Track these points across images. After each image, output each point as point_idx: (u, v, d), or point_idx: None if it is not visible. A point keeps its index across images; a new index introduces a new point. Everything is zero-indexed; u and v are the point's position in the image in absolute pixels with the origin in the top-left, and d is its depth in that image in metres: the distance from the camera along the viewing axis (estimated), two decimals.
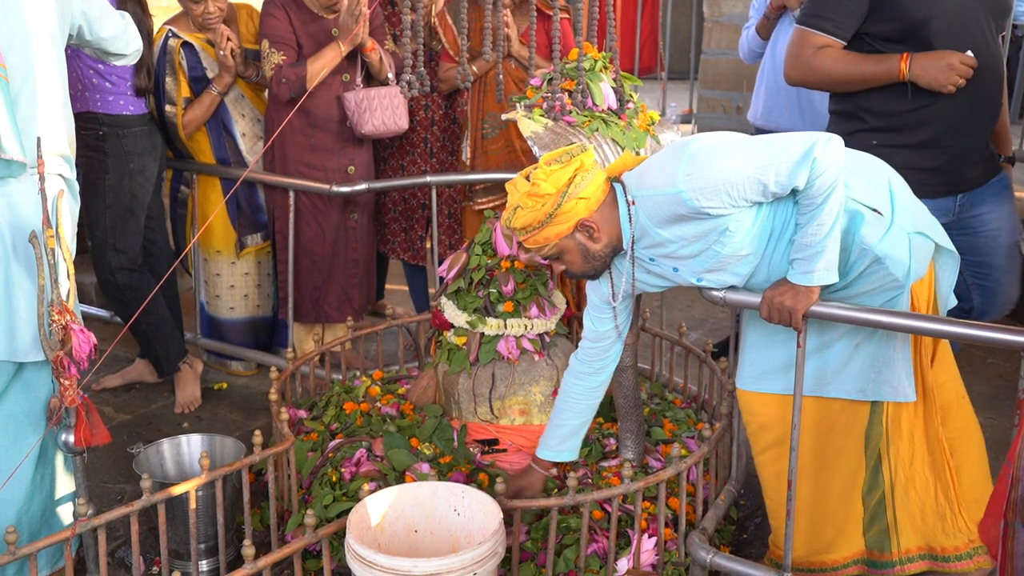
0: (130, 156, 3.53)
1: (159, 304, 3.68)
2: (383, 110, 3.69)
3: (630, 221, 2.22)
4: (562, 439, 2.66)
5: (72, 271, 2.29)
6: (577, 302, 4.08)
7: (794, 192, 2.12)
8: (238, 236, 3.95)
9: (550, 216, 2.21)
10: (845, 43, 2.70)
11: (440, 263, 3.73)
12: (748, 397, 2.47)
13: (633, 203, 2.20)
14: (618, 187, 2.25)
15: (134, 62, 2.86)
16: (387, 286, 4.87)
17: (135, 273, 3.57)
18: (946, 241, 2.32)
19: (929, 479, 2.38)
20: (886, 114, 2.70)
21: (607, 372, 2.58)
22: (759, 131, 4.06)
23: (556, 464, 2.71)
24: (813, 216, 2.10)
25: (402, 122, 3.76)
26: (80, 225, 3.73)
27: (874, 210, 2.19)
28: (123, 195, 3.53)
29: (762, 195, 2.11)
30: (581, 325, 4.02)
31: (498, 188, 3.83)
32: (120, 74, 3.48)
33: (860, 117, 2.73)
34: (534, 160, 3.65)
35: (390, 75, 3.77)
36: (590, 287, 2.46)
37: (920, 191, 2.41)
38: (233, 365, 4.11)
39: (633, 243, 2.25)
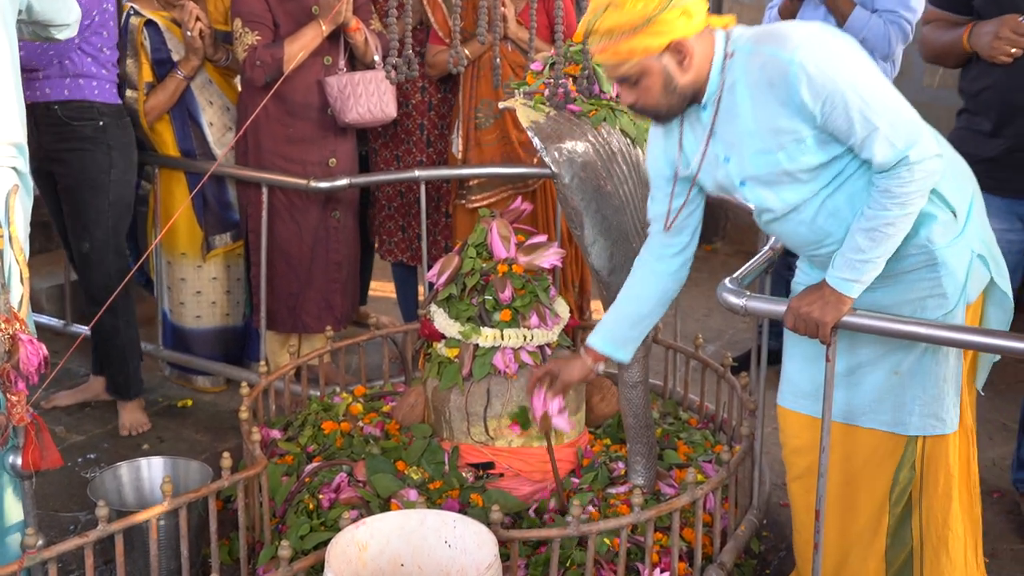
0: (130, 147, 3.58)
1: (134, 315, 3.70)
2: (368, 96, 3.68)
3: (722, 72, 2.12)
4: (616, 323, 2.48)
5: (27, 275, 2.28)
6: (581, 309, 4.08)
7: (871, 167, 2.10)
8: (205, 236, 3.94)
9: (647, 21, 2.04)
10: (959, 15, 2.71)
11: (431, 267, 3.72)
12: (785, 416, 2.46)
13: (732, 55, 2.11)
14: (721, 34, 2.13)
15: (74, 34, 2.86)
16: (371, 292, 4.86)
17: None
18: (1005, 280, 2.29)
19: (964, 540, 2.35)
20: (962, 91, 2.73)
21: (672, 264, 2.41)
22: None
23: (605, 361, 2.56)
24: (881, 218, 2.08)
25: (389, 109, 3.75)
26: (36, 224, 3.71)
27: (952, 211, 2.19)
28: (126, 191, 3.58)
29: (844, 136, 2.07)
30: (584, 335, 4.03)
31: (493, 184, 3.84)
32: (113, 60, 3.52)
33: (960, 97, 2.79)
34: (533, 153, 3.65)
35: (376, 58, 3.77)
36: (650, 160, 2.33)
37: (984, 184, 2.38)
38: (199, 380, 4.10)
39: (719, 97, 2.13)
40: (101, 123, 3.48)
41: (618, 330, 2.51)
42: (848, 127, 2.05)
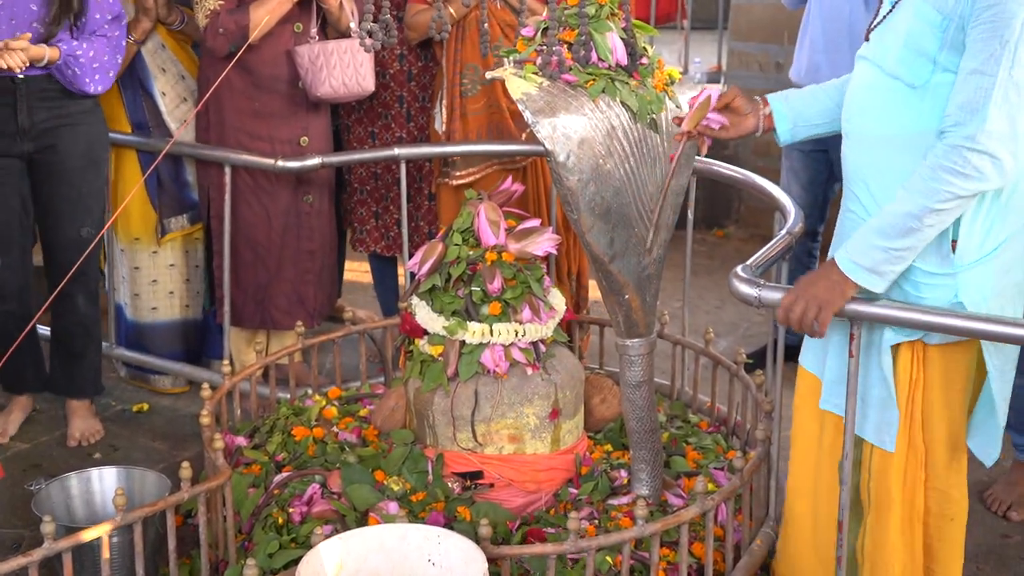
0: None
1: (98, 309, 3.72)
2: (344, 68, 3.67)
3: None
4: (801, 99, 2.55)
5: None
6: (578, 301, 4.08)
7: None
8: (159, 219, 3.95)
9: None
10: None
11: (412, 256, 3.72)
12: (803, 376, 2.56)
13: None
14: None
15: None
16: (346, 279, 4.86)
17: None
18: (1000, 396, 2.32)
19: (897, 570, 2.40)
20: None
21: None
22: None
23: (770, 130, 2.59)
24: (909, 202, 2.11)
25: (366, 83, 3.74)
26: None
27: (952, 240, 2.20)
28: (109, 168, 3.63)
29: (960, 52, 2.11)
30: (584, 331, 4.04)
31: (479, 158, 3.83)
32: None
33: None
34: (524, 124, 3.64)
35: (352, 25, 3.76)
36: None
37: None
38: (157, 381, 4.10)
39: None
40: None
41: (802, 106, 2.55)
42: (972, 48, 2.07)
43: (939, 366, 2.30)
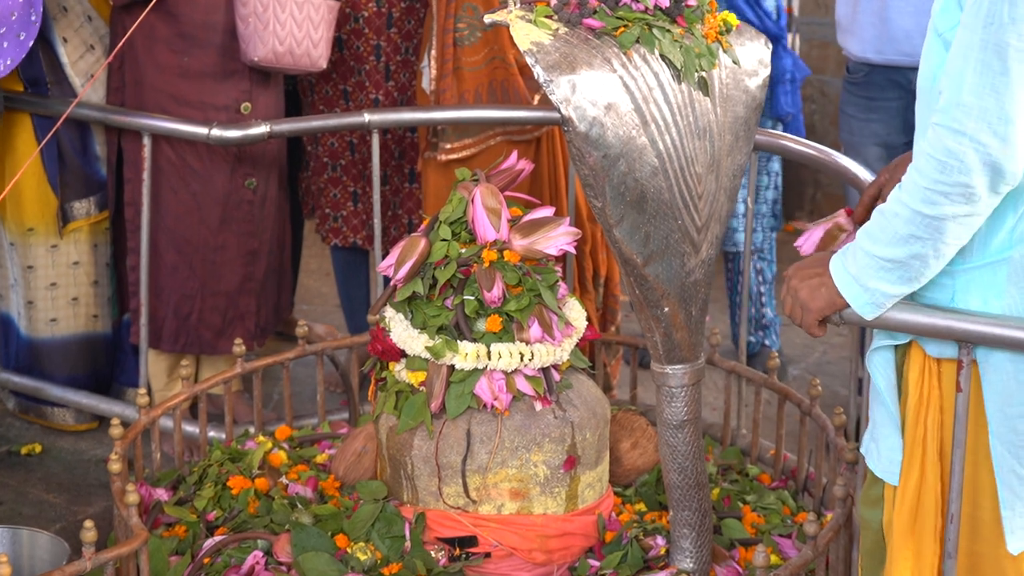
0: None
1: None
2: (296, 24, 3.69)
3: None
4: None
5: None
6: (604, 316, 4.07)
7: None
8: (60, 203, 3.94)
9: None
10: None
11: (386, 254, 3.71)
12: None
13: None
14: None
15: None
16: (300, 283, 4.86)
17: None
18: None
19: None
20: None
21: None
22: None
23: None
24: (895, 199, 2.15)
25: (316, 53, 3.76)
26: None
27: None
28: None
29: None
30: (612, 354, 4.03)
31: (476, 127, 3.83)
32: None
33: None
34: (536, 84, 3.63)
35: None
36: None
37: None
38: (54, 414, 4.10)
39: None
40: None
41: None
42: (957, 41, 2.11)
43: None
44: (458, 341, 2.96)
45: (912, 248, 2.16)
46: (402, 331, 3.03)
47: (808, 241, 2.57)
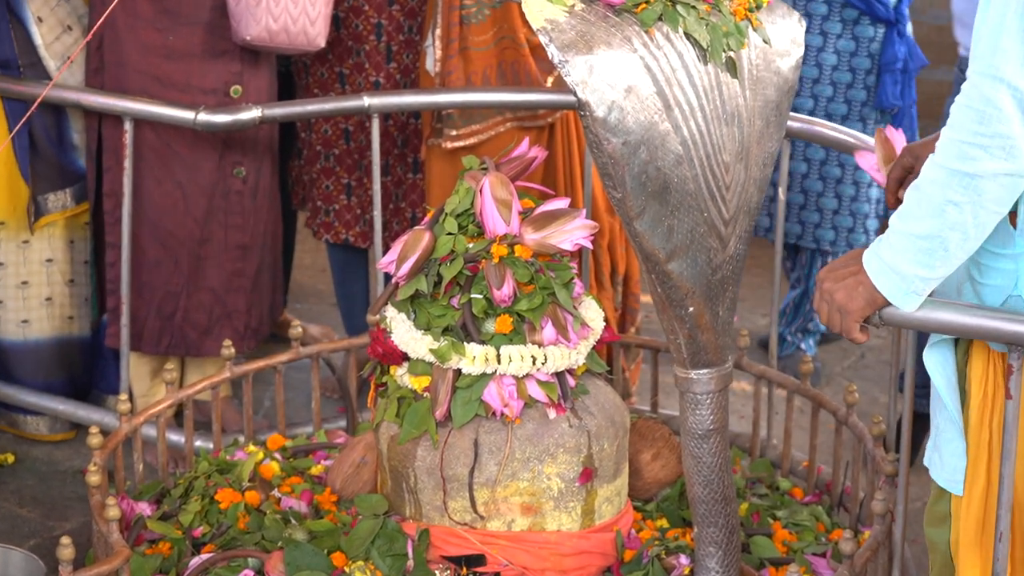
0: None
1: None
2: (291, 1, 3.68)
3: None
4: None
5: None
6: (623, 316, 4.06)
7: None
8: (32, 195, 3.95)
9: None
10: None
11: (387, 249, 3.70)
12: None
13: None
14: None
15: None
16: (293, 281, 4.90)
17: None
18: None
19: None
20: None
21: None
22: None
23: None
24: (928, 165, 2.15)
25: (313, 31, 3.76)
26: None
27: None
28: None
29: None
30: (632, 357, 4.02)
31: (486, 112, 3.83)
32: None
33: None
34: (550, 65, 3.63)
35: None
36: None
37: None
38: (27, 423, 4.11)
39: None
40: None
41: None
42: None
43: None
44: (465, 343, 2.96)
45: (949, 217, 2.15)
46: (404, 332, 3.03)
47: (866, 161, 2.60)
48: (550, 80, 3.82)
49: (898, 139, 2.71)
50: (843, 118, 4.49)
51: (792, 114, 2.89)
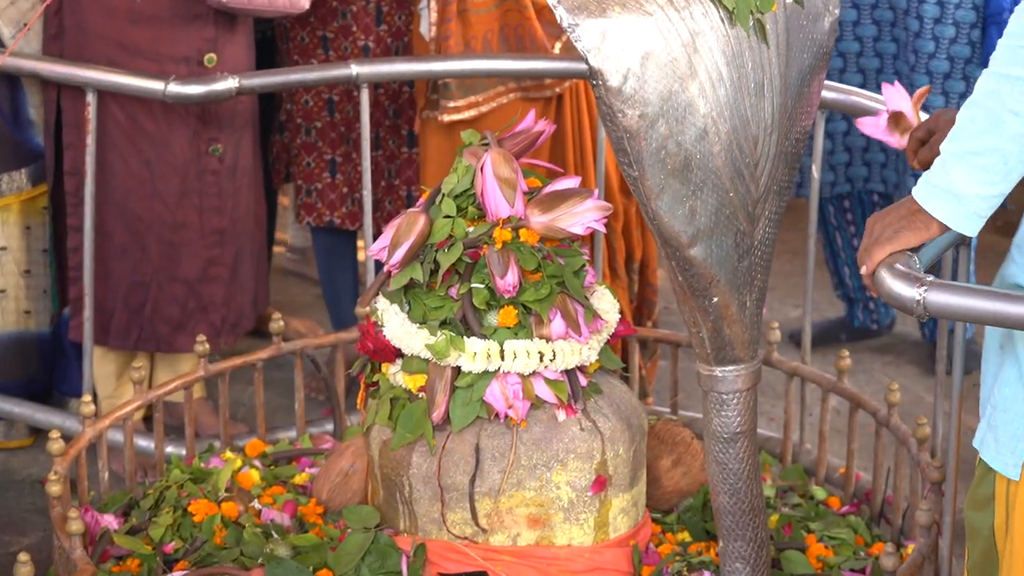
0: None
1: None
2: None
3: None
4: None
5: None
6: (639, 307, 4.06)
7: None
8: None
9: None
10: None
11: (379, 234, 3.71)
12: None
13: None
14: None
15: None
16: (273, 271, 4.92)
17: None
18: None
19: None
20: None
21: None
22: None
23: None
24: (978, 85, 2.20)
25: None
26: None
27: None
28: None
29: None
30: (650, 353, 4.01)
31: (486, 81, 3.85)
32: None
33: None
34: (555, 29, 3.61)
35: None
36: None
37: None
38: None
39: None
40: None
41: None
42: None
43: None
44: (464, 338, 2.96)
45: (1009, 127, 2.19)
46: (397, 326, 3.03)
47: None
48: (558, 46, 3.83)
49: (901, 96, 2.72)
50: (945, 76, 4.50)
51: (827, 83, 2.87)
